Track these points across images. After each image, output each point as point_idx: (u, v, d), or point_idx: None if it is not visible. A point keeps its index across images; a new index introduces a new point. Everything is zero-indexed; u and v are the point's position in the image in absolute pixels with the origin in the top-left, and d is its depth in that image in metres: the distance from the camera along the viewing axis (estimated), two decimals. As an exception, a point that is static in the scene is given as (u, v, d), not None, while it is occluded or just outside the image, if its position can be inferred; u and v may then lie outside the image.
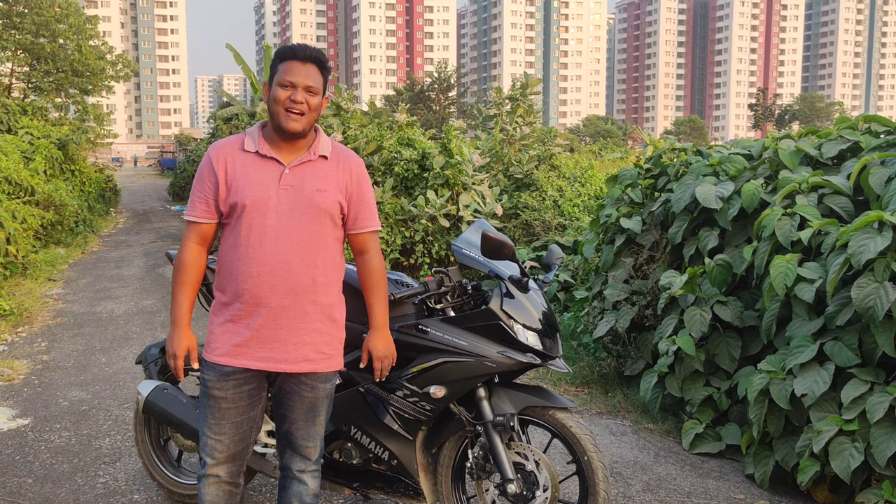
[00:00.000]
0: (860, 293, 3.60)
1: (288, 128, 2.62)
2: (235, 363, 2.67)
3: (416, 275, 9.71)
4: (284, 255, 2.64)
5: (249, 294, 2.64)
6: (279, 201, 2.64)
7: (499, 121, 12.25)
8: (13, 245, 9.72)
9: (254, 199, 2.62)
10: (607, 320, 5.62)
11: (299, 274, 2.66)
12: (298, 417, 2.79)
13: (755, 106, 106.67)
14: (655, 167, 5.89)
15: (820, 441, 3.62)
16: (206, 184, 2.68)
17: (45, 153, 16.21)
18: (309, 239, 2.67)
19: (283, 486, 2.90)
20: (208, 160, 2.70)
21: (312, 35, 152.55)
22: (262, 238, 2.63)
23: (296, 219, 2.65)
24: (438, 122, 59.92)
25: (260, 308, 2.65)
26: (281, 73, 2.64)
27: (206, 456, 2.77)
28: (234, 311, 2.67)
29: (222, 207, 2.67)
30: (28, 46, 24.56)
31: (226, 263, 2.70)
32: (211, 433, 2.74)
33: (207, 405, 2.73)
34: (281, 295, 2.64)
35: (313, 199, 2.67)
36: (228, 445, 2.76)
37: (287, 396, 2.78)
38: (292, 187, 2.66)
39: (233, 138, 2.75)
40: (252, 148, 2.67)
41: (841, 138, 4.87)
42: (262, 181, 2.64)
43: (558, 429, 3.06)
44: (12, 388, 5.83)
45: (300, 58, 2.64)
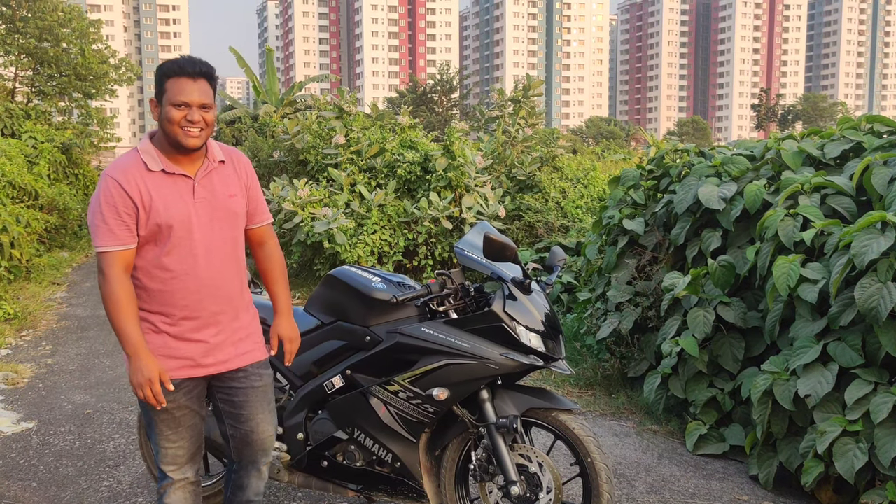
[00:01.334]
0: (863, 294, 3.60)
1: (188, 146, 2.61)
2: (185, 375, 2.71)
3: (419, 277, 9.73)
4: (217, 268, 2.71)
5: (189, 310, 2.68)
6: (199, 215, 2.67)
7: (501, 122, 12.25)
8: (17, 249, 9.74)
9: (177, 217, 2.62)
10: (610, 322, 5.62)
11: (230, 281, 2.76)
12: (259, 410, 2.87)
13: (758, 106, 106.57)
14: (658, 168, 5.88)
15: (824, 442, 3.61)
16: (120, 210, 2.56)
17: (49, 157, 16.25)
18: (231, 245, 2.77)
19: (241, 485, 2.98)
20: (117, 185, 2.56)
21: (314, 37, 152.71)
22: (194, 254, 2.66)
23: (217, 229, 2.72)
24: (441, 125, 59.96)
25: (199, 320, 2.71)
26: (173, 92, 2.58)
27: (167, 465, 2.79)
28: (169, 327, 2.69)
29: (141, 231, 2.61)
30: (31, 51, 24.61)
31: (153, 283, 2.66)
32: (169, 443, 2.76)
33: (159, 419, 2.72)
34: (218, 304, 2.74)
35: (229, 206, 2.75)
36: (188, 448, 2.81)
37: (238, 394, 2.84)
38: (206, 199, 2.70)
39: (129, 160, 2.65)
40: (156, 167, 2.63)
41: (844, 138, 4.86)
42: (178, 198, 2.64)
43: (562, 430, 3.06)
44: (17, 391, 5.84)
45: (190, 74, 2.60)
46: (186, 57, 2.64)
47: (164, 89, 2.60)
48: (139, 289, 2.67)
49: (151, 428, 2.77)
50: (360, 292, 3.26)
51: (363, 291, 3.25)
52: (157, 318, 2.68)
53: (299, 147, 11.39)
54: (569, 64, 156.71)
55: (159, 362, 2.64)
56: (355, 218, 9.54)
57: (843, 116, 5.18)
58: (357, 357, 3.25)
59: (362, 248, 9.16)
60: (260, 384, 2.87)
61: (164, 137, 2.65)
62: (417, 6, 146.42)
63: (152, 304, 2.68)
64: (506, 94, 12.80)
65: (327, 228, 8.94)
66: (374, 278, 3.32)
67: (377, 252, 9.38)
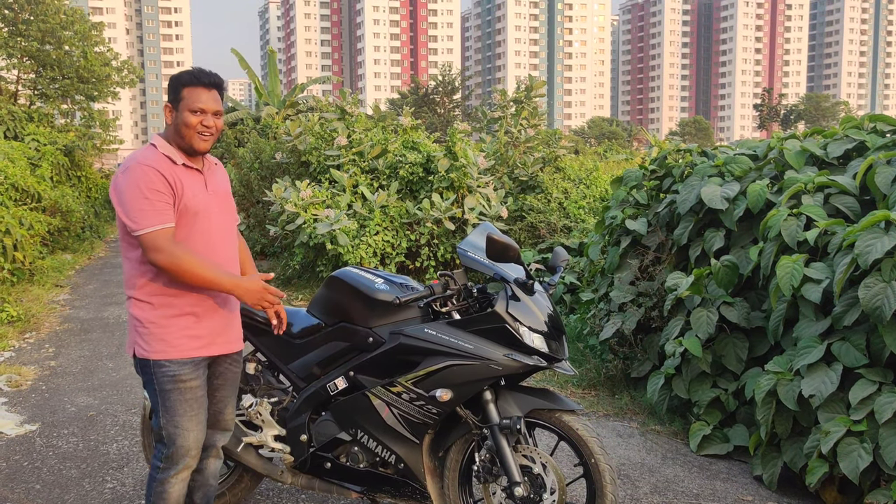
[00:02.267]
0: (867, 293, 3.59)
1: (200, 149, 2.89)
2: (205, 353, 2.93)
3: (422, 278, 9.72)
4: (229, 252, 3.02)
5: (210, 291, 2.90)
6: (212, 205, 2.96)
7: (503, 123, 12.25)
8: (20, 251, 9.75)
9: (200, 205, 2.89)
10: (613, 322, 5.61)
11: (235, 265, 3.07)
12: (229, 394, 3.13)
13: (760, 106, 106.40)
14: (660, 168, 5.88)
15: (828, 442, 3.60)
16: (163, 192, 2.78)
17: (52, 159, 16.28)
18: (233, 234, 3.09)
19: (200, 467, 3.12)
20: (157, 172, 2.78)
21: (316, 39, 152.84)
22: (213, 239, 2.94)
23: (226, 218, 3.04)
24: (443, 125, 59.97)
25: (217, 300, 2.95)
26: (190, 99, 2.84)
27: (189, 449, 2.93)
28: (192, 308, 2.89)
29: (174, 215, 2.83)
30: (34, 53, 24.66)
31: None
32: (192, 424, 2.92)
33: (184, 400, 2.88)
34: None
35: (229, 201, 3.10)
36: (201, 431, 2.98)
37: (220, 377, 3.09)
38: (215, 192, 3.00)
39: (156, 154, 2.85)
40: (179, 161, 2.88)
41: (846, 138, 4.86)
42: (198, 189, 2.92)
43: (565, 431, 3.06)
44: (20, 394, 5.85)
45: (206, 84, 2.87)
46: (199, 69, 2.90)
47: (181, 97, 2.85)
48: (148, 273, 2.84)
49: (174, 413, 2.88)
50: (362, 293, 3.26)
51: (366, 293, 3.25)
52: (181, 300, 2.86)
53: (301, 148, 11.39)
54: (570, 64, 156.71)
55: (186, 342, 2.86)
56: (358, 219, 9.54)
57: (846, 116, 5.17)
58: (360, 358, 3.25)
59: (365, 249, 9.16)
60: (238, 369, 3.16)
61: (176, 139, 2.89)
62: (419, 7, 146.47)
63: (176, 288, 2.85)
64: (508, 95, 12.80)
65: (330, 230, 8.94)
66: (376, 279, 3.32)
67: (380, 253, 9.38)
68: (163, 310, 2.84)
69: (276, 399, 3.54)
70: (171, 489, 2.95)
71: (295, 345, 3.46)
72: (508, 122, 12.24)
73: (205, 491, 3.16)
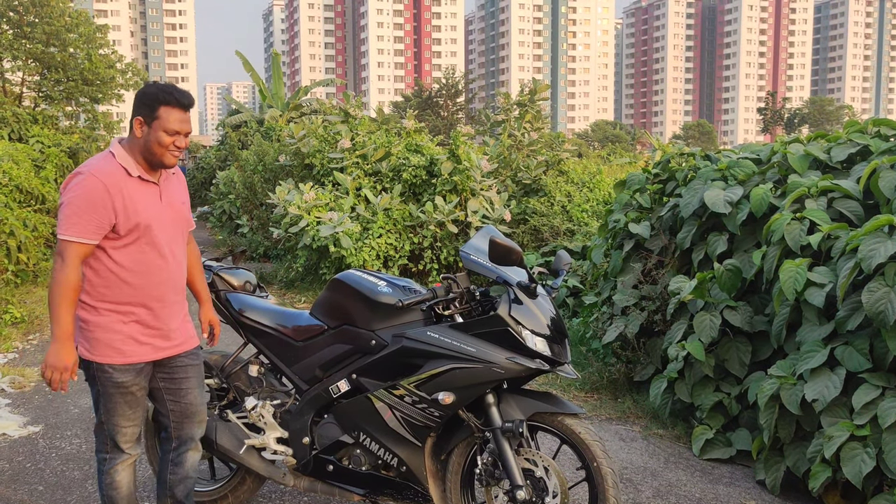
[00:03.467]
0: (871, 297, 3.58)
1: (169, 164, 2.98)
2: (150, 358, 3.02)
3: (425, 281, 9.72)
4: (178, 262, 3.09)
5: (157, 300, 3.00)
6: (164, 218, 3.01)
7: (507, 126, 12.25)
8: (24, 253, 9.77)
9: (152, 218, 2.94)
10: (616, 326, 5.60)
11: (182, 276, 3.14)
12: (196, 385, 3.21)
13: (764, 110, 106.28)
14: (664, 172, 5.87)
15: (831, 446, 3.59)
16: (100, 209, 2.82)
17: (56, 161, 16.29)
18: (182, 245, 3.15)
19: (179, 461, 3.22)
20: (103, 187, 2.82)
21: (320, 42, 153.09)
22: (163, 251, 2.99)
23: (177, 230, 3.09)
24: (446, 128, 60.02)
25: (164, 309, 3.03)
26: (167, 119, 2.89)
27: (127, 443, 3.06)
28: (140, 316, 2.97)
29: (121, 230, 2.87)
30: (39, 56, 24.73)
31: (129, 277, 2.93)
32: (128, 422, 3.04)
33: (123, 401, 2.99)
34: (176, 294, 3.10)
35: (182, 213, 3.14)
36: (139, 424, 3.10)
37: (180, 371, 3.16)
38: (169, 204, 3.05)
39: (111, 164, 2.90)
40: (135, 173, 2.93)
41: (850, 142, 4.85)
42: (151, 203, 2.97)
43: (567, 435, 3.05)
44: (23, 395, 5.86)
45: (184, 106, 2.93)
46: (177, 88, 2.95)
47: (156, 115, 2.89)
48: (113, 282, 2.92)
49: (112, 412, 3.00)
50: (365, 296, 3.27)
51: (369, 295, 3.26)
52: (129, 308, 2.95)
53: (305, 151, 11.41)
54: (574, 68, 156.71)
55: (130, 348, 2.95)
56: (361, 222, 9.54)
57: (850, 120, 5.17)
58: (363, 361, 3.25)
59: (368, 252, 9.17)
60: (196, 362, 3.23)
61: (144, 153, 2.93)
62: (423, 11, 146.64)
63: (124, 297, 2.94)
64: (511, 98, 12.80)
65: (333, 232, 8.95)
66: (379, 282, 3.32)
67: (383, 256, 9.38)
68: (108, 315, 2.93)
69: (279, 401, 3.54)
70: (117, 477, 3.06)
71: (298, 347, 3.46)
72: (512, 125, 12.24)
73: (185, 484, 3.23)
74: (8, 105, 21.28)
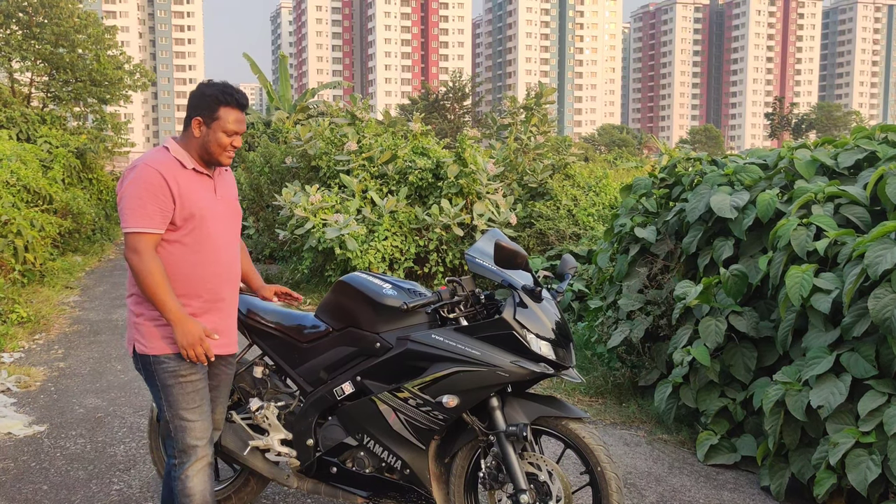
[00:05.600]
0: (877, 304, 3.57)
1: (224, 164, 3.01)
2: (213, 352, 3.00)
3: (430, 284, 9.72)
4: (232, 256, 3.08)
5: (212, 292, 3.00)
6: (219, 210, 3.03)
7: (513, 130, 12.25)
8: (31, 253, 9.81)
9: (206, 210, 2.96)
10: (621, 330, 5.60)
11: (236, 271, 3.13)
12: (221, 395, 3.22)
13: (771, 115, 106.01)
14: (670, 177, 5.87)
15: (836, 453, 3.58)
16: (160, 196, 2.84)
17: (64, 162, 16.36)
18: (236, 239, 3.15)
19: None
20: (159, 175, 2.84)
21: (328, 44, 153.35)
22: (216, 243, 2.99)
23: (229, 224, 3.10)
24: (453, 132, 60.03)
25: (219, 303, 3.03)
26: (227, 121, 2.91)
27: (198, 440, 2.99)
28: (194, 308, 2.97)
29: (177, 220, 2.89)
30: (47, 56, 24.81)
31: (182, 269, 2.94)
32: (195, 416, 2.99)
33: (183, 393, 2.96)
34: (232, 289, 3.10)
35: (235, 206, 3.16)
36: (209, 421, 3.05)
37: (214, 378, 3.17)
38: (223, 198, 3.08)
39: (167, 156, 2.93)
40: (189, 165, 2.95)
41: (857, 148, 4.84)
42: (205, 194, 2.98)
43: (571, 439, 3.05)
44: (29, 394, 5.88)
45: (242, 107, 2.95)
46: (235, 89, 2.94)
47: (216, 115, 2.90)
48: (169, 274, 2.91)
49: (177, 406, 2.95)
50: (370, 298, 3.27)
51: (374, 298, 3.26)
52: (184, 300, 2.94)
53: (311, 153, 11.43)
54: (581, 72, 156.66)
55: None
56: (367, 224, 9.55)
57: (857, 126, 5.15)
58: (367, 363, 3.26)
59: (373, 254, 9.17)
60: (231, 371, 3.26)
61: (199, 150, 2.95)
62: (430, 13, 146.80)
63: (180, 288, 2.93)
64: (518, 102, 12.80)
65: (338, 234, 8.96)
66: (384, 285, 3.32)
67: (388, 258, 9.39)
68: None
69: (283, 403, 3.54)
70: (190, 484, 2.97)
71: (302, 349, 3.47)
72: (518, 128, 12.24)
73: None
74: (16, 105, 21.37)
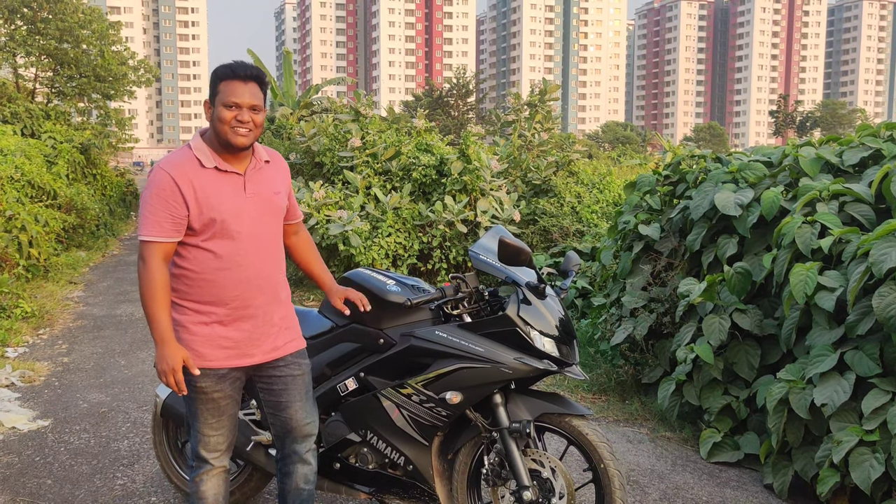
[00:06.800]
0: (882, 302, 3.57)
1: (237, 144, 2.74)
2: (231, 364, 2.85)
3: (433, 280, 9.72)
4: (264, 260, 2.87)
5: (240, 299, 2.81)
6: (249, 210, 2.81)
7: (517, 127, 12.24)
8: (35, 248, 9.83)
9: (229, 212, 2.76)
10: (625, 327, 5.59)
11: (274, 273, 2.92)
12: (296, 398, 2.99)
13: (776, 112, 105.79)
14: (674, 174, 5.86)
15: (840, 451, 3.58)
16: (170, 203, 2.69)
17: (68, 157, 16.39)
18: (275, 239, 2.94)
19: (288, 472, 3.07)
20: (170, 180, 2.69)
21: (332, 41, 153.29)
22: (246, 247, 2.80)
23: (264, 223, 2.87)
24: (457, 128, 60.01)
25: (248, 310, 2.84)
26: (224, 93, 2.72)
27: (208, 453, 2.93)
28: (219, 317, 2.81)
29: (195, 225, 2.73)
30: (52, 52, 24.87)
31: (206, 275, 2.78)
32: (212, 431, 2.90)
33: (204, 408, 2.87)
34: (265, 295, 2.88)
35: (273, 202, 2.90)
36: (227, 436, 2.96)
37: (277, 382, 2.98)
38: (255, 195, 2.84)
39: (184, 156, 2.78)
40: (210, 164, 2.77)
41: (863, 146, 4.82)
42: (230, 194, 2.78)
43: (575, 436, 3.05)
44: (33, 389, 5.89)
45: (241, 77, 2.73)
46: (239, 62, 2.78)
47: (217, 91, 2.74)
48: (191, 280, 2.79)
49: (194, 416, 2.89)
50: (374, 295, 3.27)
51: (377, 294, 3.26)
52: (208, 308, 2.80)
53: (315, 149, 11.43)
54: (585, 68, 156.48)
55: (209, 351, 2.79)
56: (370, 221, 9.56)
57: (862, 123, 5.14)
58: (370, 359, 3.26)
59: (377, 250, 9.18)
60: (299, 373, 2.99)
61: (215, 137, 2.78)
62: (434, 10, 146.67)
63: (203, 296, 2.80)
64: (522, 99, 12.80)
65: (342, 231, 8.96)
66: (388, 281, 3.33)
67: (392, 255, 9.39)
68: (191, 315, 2.80)
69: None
70: (203, 487, 2.95)
71: (306, 345, 3.47)
72: (522, 125, 12.24)
73: (295, 495, 3.08)
74: (21, 101, 21.41)
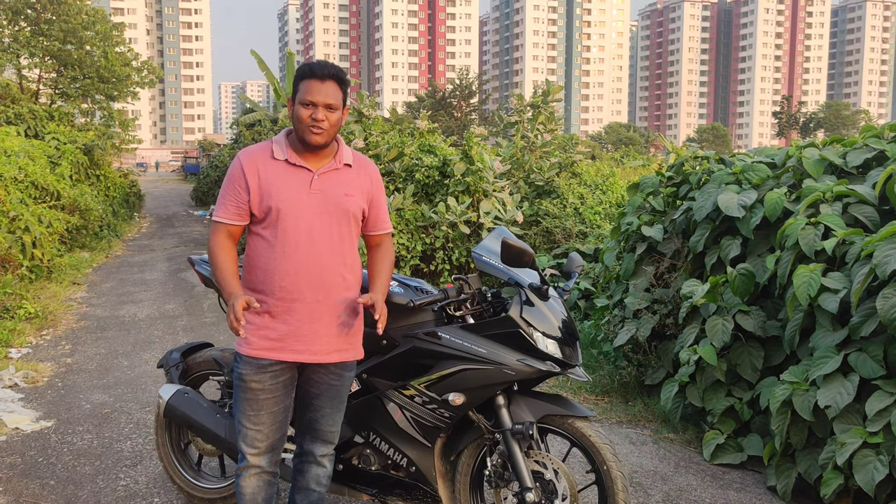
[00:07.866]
0: (885, 304, 3.56)
1: (312, 142, 2.81)
2: (273, 356, 2.83)
3: (436, 281, 9.72)
4: (318, 255, 2.84)
5: (286, 291, 2.82)
6: (310, 205, 2.84)
7: (520, 128, 12.24)
8: (39, 249, 9.84)
9: (287, 203, 2.81)
10: (628, 329, 5.59)
11: (331, 272, 2.86)
12: (325, 405, 2.98)
13: (779, 114, 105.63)
14: (677, 175, 5.85)
15: (844, 453, 3.57)
16: (237, 189, 2.83)
17: (71, 158, 16.41)
18: (337, 239, 2.88)
19: (301, 470, 3.07)
20: (240, 166, 2.84)
21: (335, 42, 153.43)
22: (297, 239, 2.82)
23: (326, 221, 2.86)
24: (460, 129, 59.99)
25: (296, 304, 2.83)
26: (302, 92, 2.79)
27: (246, 447, 2.92)
28: (269, 307, 2.83)
29: (256, 211, 2.83)
30: (55, 53, 24.90)
31: (259, 262, 2.85)
32: (250, 424, 2.89)
33: (244, 398, 2.87)
34: (315, 291, 2.84)
35: (341, 203, 2.88)
36: (267, 435, 2.91)
37: (315, 385, 2.96)
38: (321, 192, 2.86)
39: (262, 146, 2.90)
40: (281, 157, 2.85)
41: (866, 147, 4.82)
42: (294, 187, 2.83)
43: (577, 438, 3.04)
44: (36, 390, 5.90)
45: (318, 76, 2.79)
46: (320, 61, 2.84)
47: (297, 89, 2.82)
48: (250, 266, 2.87)
49: (237, 404, 2.91)
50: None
51: (380, 295, 3.25)
52: (260, 296, 2.83)
53: (318, 150, 11.41)
54: (588, 70, 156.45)
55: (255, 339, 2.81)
56: (373, 222, 9.54)
57: (866, 125, 5.13)
58: (373, 361, 3.26)
59: (380, 251, 9.16)
60: (338, 383, 2.98)
61: (295, 134, 2.87)
62: (437, 11, 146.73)
63: (256, 283, 2.85)
64: (525, 100, 12.79)
65: (345, 232, 8.95)
66: (391, 282, 3.32)
67: (394, 256, 9.38)
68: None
69: None
70: (243, 483, 2.95)
71: None
72: (525, 126, 12.23)
73: (305, 495, 3.08)
74: (24, 101, 21.44)
